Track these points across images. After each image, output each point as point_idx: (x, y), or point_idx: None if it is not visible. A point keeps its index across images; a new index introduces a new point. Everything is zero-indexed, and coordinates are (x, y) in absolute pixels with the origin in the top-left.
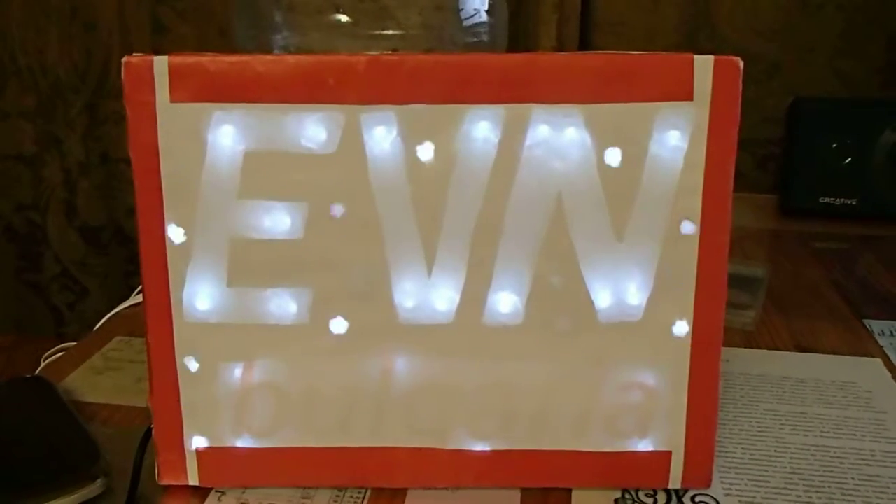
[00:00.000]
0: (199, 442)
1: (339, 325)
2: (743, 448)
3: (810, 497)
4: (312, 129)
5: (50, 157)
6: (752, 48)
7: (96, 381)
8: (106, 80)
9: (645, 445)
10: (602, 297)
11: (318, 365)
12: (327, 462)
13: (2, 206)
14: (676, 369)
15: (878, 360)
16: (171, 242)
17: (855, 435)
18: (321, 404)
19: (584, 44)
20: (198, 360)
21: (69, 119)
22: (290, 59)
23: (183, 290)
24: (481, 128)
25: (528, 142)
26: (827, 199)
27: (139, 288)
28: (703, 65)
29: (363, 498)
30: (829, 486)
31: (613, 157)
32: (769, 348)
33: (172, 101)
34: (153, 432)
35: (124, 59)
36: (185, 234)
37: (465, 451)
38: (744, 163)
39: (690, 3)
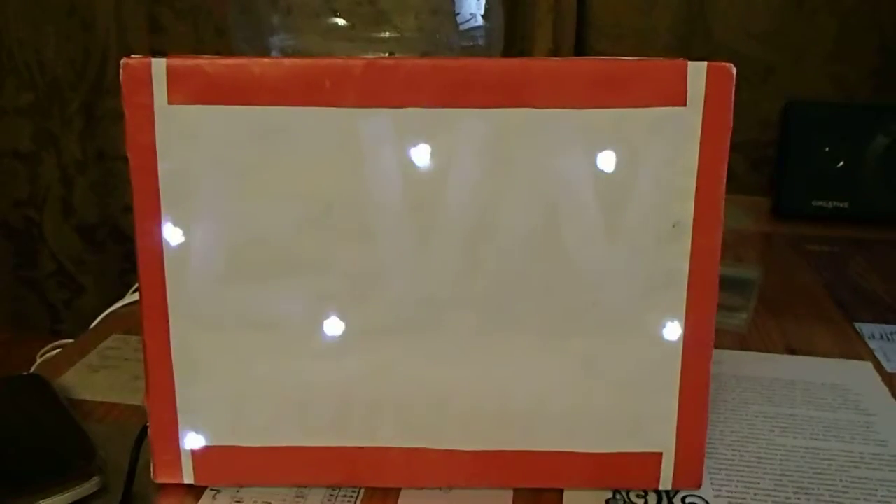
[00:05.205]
0: (194, 440)
1: (333, 326)
2: (733, 450)
3: (799, 499)
4: (309, 131)
5: (47, 154)
6: (746, 51)
7: (92, 378)
8: (103, 79)
9: (636, 446)
10: (594, 300)
11: (313, 365)
12: (321, 461)
13: None
14: (668, 371)
15: (869, 363)
16: (168, 243)
17: (844, 437)
18: (315, 404)
19: (580, 46)
20: (193, 358)
21: (66, 117)
22: (288, 62)
23: (179, 290)
24: (476, 131)
25: (522, 146)
26: (819, 203)
27: (135, 286)
28: (697, 71)
29: (356, 497)
30: (818, 488)
31: (607, 161)
32: (760, 350)
33: (170, 102)
34: (149, 430)
35: (123, 61)
36: (183, 234)
37: (457, 451)
38: (737, 165)
39: (685, 6)
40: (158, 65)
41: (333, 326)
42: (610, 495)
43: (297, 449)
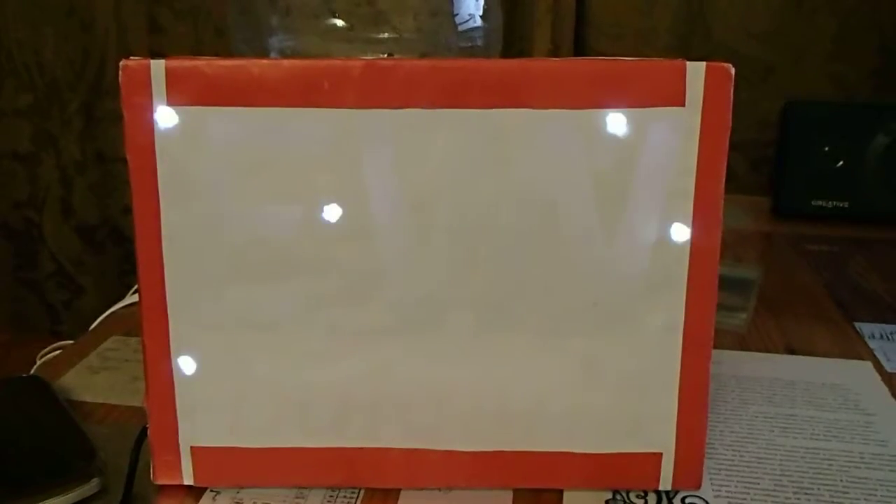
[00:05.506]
0: (194, 441)
1: (333, 326)
2: (733, 450)
3: (799, 499)
4: (308, 132)
5: (46, 155)
6: (745, 51)
7: (92, 380)
8: (102, 80)
9: (635, 447)
10: (593, 300)
11: (313, 365)
12: (321, 462)
13: None
14: (667, 371)
15: (868, 363)
16: (167, 244)
17: (844, 437)
18: (315, 404)
19: (579, 46)
20: (193, 359)
21: (65, 118)
22: (286, 63)
23: (179, 290)
24: (475, 132)
25: (521, 146)
26: (819, 202)
27: (135, 287)
28: (695, 71)
29: (356, 498)
30: (818, 489)
31: (605, 161)
32: (760, 350)
33: (169, 104)
34: (148, 432)
35: (122, 63)
36: (182, 235)
37: (457, 451)
38: (737, 164)
39: (685, 6)
40: (157, 66)
41: (333, 326)
42: (610, 495)
43: (297, 450)
